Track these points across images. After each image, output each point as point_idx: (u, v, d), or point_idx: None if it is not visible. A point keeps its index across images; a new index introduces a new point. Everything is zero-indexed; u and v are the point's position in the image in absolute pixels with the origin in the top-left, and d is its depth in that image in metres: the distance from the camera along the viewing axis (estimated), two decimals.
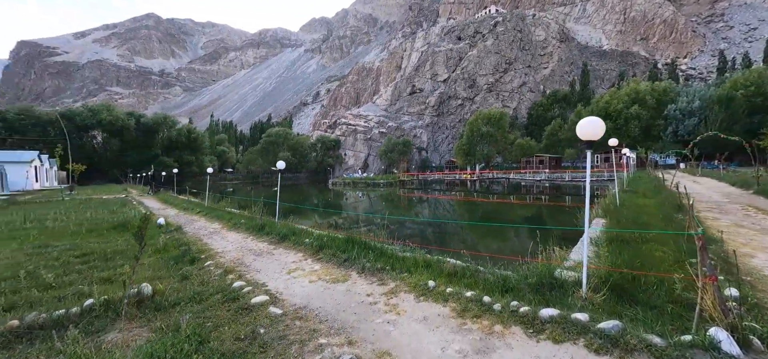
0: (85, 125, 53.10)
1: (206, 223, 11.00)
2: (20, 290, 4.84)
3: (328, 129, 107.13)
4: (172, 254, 6.66)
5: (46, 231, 9.68)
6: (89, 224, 10.69)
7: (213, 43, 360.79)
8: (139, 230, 2.46)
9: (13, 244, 8.07)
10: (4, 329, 3.55)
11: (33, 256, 6.79)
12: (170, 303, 4.23)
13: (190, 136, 65.51)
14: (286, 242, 7.34)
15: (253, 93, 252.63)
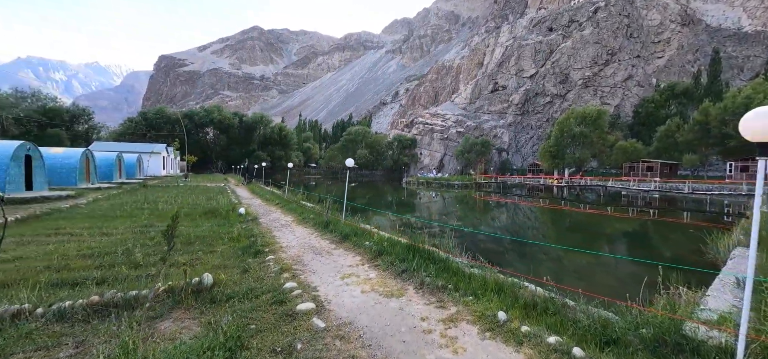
0: (201, 123, 62.62)
1: (280, 215, 11.56)
2: (115, 265, 5.44)
3: (405, 128, 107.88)
4: (241, 244, 6.96)
5: (156, 213, 11.23)
6: (188, 208, 12.13)
7: (304, 49, 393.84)
8: (169, 228, 2.28)
9: (128, 221, 9.48)
10: (86, 303, 3.89)
11: (137, 235, 7.78)
12: (224, 297, 4.23)
13: (281, 133, 72.32)
14: (347, 242, 7.11)
15: (337, 94, 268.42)
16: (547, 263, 11.55)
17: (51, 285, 4.58)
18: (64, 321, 3.68)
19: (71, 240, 7.20)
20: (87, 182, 21.36)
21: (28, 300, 3.85)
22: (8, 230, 8.29)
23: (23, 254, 6.05)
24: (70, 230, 8.13)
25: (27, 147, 15.50)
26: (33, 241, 7.07)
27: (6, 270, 5.12)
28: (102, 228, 8.44)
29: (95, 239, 7.37)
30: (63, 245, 6.65)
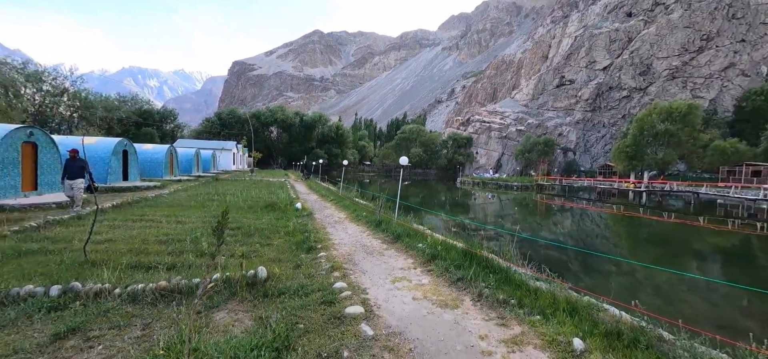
0: (266, 122, 67.40)
1: (334, 211, 11.75)
2: (184, 252, 5.86)
3: (460, 126, 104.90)
4: (296, 239, 7.10)
5: (224, 204, 12.12)
6: (251, 201, 12.93)
7: (361, 50, 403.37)
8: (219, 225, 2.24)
9: (200, 211, 10.32)
10: (155, 287, 4.17)
11: (206, 224, 8.39)
12: (276, 292, 4.25)
13: (337, 132, 74.90)
14: (399, 243, 6.88)
15: (392, 93, 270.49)
16: (617, 278, 10.19)
17: (130, 267, 5.04)
18: (136, 303, 3.97)
19: (152, 227, 8.00)
20: (171, 174, 24.05)
21: (108, 281, 4.23)
22: (106, 214, 9.52)
23: (113, 237, 6.83)
24: (151, 217, 9.07)
25: (124, 143, 17.84)
26: (122, 226, 7.97)
27: (98, 250, 5.78)
28: (178, 217, 9.28)
29: (171, 226, 8.10)
30: (144, 231, 7.39)
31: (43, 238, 6.60)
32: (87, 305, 3.79)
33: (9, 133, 10.73)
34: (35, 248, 5.86)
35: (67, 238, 6.62)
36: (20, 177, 11.03)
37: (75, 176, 9.35)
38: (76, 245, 6.10)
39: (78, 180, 9.35)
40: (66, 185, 9.33)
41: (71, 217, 8.61)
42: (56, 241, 6.42)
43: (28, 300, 3.79)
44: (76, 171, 9.41)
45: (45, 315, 3.55)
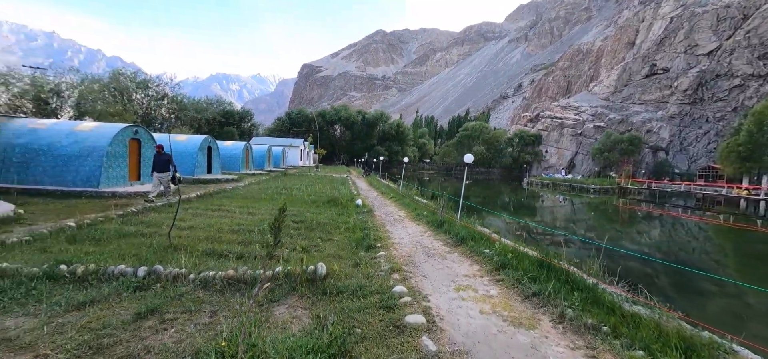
0: (331, 121, 70.45)
1: (394, 209, 11.59)
2: (252, 243, 6.14)
3: (528, 123, 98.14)
4: (356, 236, 7.05)
5: (290, 198, 12.74)
6: (316, 196, 13.40)
7: (423, 47, 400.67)
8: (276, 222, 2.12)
9: (269, 204, 10.94)
10: (224, 275, 4.35)
11: (273, 216, 8.81)
12: (335, 290, 4.15)
13: (398, 129, 75.30)
14: (463, 246, 6.41)
15: (455, 89, 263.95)
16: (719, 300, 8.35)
17: (205, 254, 5.40)
18: (207, 289, 4.17)
19: (226, 216, 8.64)
20: (246, 169, 26.28)
21: (185, 266, 4.53)
22: (190, 203, 10.58)
23: (194, 224, 7.47)
24: (227, 208, 9.82)
25: (209, 141, 19.86)
26: (203, 214, 8.74)
27: (181, 236, 6.33)
28: (250, 209, 9.93)
29: (243, 217, 8.66)
30: (220, 221, 7.99)
31: (140, 222, 7.47)
32: (166, 288, 4.08)
33: (120, 131, 12.54)
34: (133, 231, 6.63)
35: (159, 223, 7.41)
36: (127, 169, 12.84)
37: (161, 170, 10.45)
38: (164, 230, 6.78)
39: (164, 173, 10.46)
40: (154, 178, 10.52)
41: (163, 204, 9.71)
42: (150, 225, 7.21)
43: (120, 278, 4.21)
44: (162, 165, 10.49)
45: (131, 294, 3.89)
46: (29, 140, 11.89)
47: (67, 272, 4.22)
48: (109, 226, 6.85)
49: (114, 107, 31.69)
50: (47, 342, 2.95)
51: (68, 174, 11.49)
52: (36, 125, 12.67)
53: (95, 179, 11.43)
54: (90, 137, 12.08)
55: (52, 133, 12.19)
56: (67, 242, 5.66)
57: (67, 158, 11.62)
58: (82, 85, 32.89)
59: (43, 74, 31.47)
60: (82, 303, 3.63)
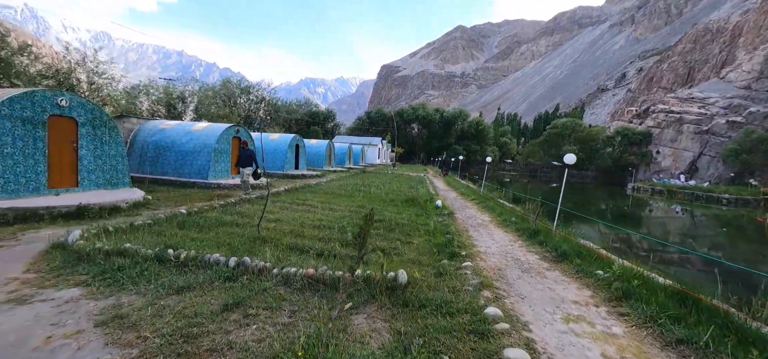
0: (408, 119, 70.64)
1: (477, 212, 10.72)
2: (331, 240, 6.09)
3: (634, 119, 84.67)
4: (437, 240, 6.53)
5: (368, 196, 12.80)
6: (393, 194, 13.24)
7: (506, 40, 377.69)
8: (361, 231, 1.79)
9: (348, 201, 11.08)
10: (304, 273, 4.27)
11: (352, 214, 8.82)
12: (417, 303, 3.73)
13: (477, 128, 71.93)
14: (565, 263, 5.40)
15: (541, 84, 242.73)
16: None
17: (288, 248, 5.48)
18: (288, 285, 4.13)
19: (310, 211, 8.92)
20: (329, 165, 27.71)
21: (269, 260, 4.59)
22: (279, 196, 11.30)
23: (281, 217, 7.82)
24: (311, 203, 10.20)
25: (297, 139, 21.34)
26: (289, 208, 9.18)
27: (268, 228, 6.63)
28: (331, 204, 10.16)
29: (324, 212, 8.85)
30: (304, 215, 8.25)
31: (236, 213, 8.12)
32: (251, 280, 4.15)
33: (225, 130, 14.11)
34: (229, 220, 7.18)
35: (251, 214, 7.95)
36: (230, 163, 14.39)
37: (244, 165, 11.20)
38: (256, 221, 7.23)
39: (247, 169, 11.22)
40: (241, 173, 11.36)
41: (257, 197, 10.52)
42: (244, 216, 7.77)
43: (214, 266, 4.44)
44: (246, 160, 11.21)
45: (222, 284, 4.03)
46: (159, 138, 14.14)
47: (173, 256, 4.61)
48: (211, 215, 7.55)
49: (223, 110, 36.59)
50: (148, 325, 3.12)
51: (185, 167, 13.34)
52: (164, 125, 15.03)
53: (205, 172, 13.04)
54: (202, 135, 13.84)
55: (175, 132, 14.31)
56: (178, 228, 6.34)
57: (185, 153, 13.49)
58: (200, 92, 38.68)
59: (173, 84, 37.87)
60: (181, 287, 3.86)
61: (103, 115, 9.08)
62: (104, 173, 9.13)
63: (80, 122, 8.53)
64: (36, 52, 20.25)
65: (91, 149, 8.79)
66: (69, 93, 8.45)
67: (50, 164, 7.93)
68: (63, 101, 8.10)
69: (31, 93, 7.53)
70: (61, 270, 4.27)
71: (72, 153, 8.42)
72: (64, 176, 8.35)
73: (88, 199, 7.66)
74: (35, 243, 5.28)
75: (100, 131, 8.99)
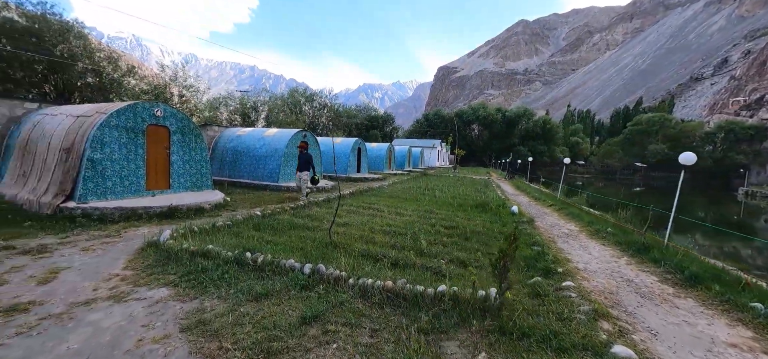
0: (468, 121, 68.24)
1: (559, 220, 9.52)
2: (405, 248, 5.68)
3: (741, 110, 71.48)
4: (522, 252, 5.76)
5: (433, 200, 12.23)
6: (460, 199, 12.50)
7: (575, 31, 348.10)
8: (503, 256, 1.41)
9: (414, 205, 10.64)
10: (382, 286, 3.90)
11: (421, 219, 8.35)
12: (517, 331, 3.11)
13: (544, 127, 66.77)
14: (700, 289, 4.30)
15: (618, 76, 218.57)
16: None
17: (361, 255, 5.20)
18: (365, 298, 3.80)
19: (377, 215, 8.66)
20: (389, 168, 27.64)
21: (344, 269, 4.32)
22: (344, 200, 11.28)
23: (349, 221, 7.66)
24: (377, 207, 9.97)
25: (359, 142, 21.57)
26: (355, 212, 9.03)
27: (338, 232, 6.46)
28: (397, 208, 9.82)
29: (392, 217, 8.52)
30: (372, 219, 8.00)
31: (306, 216, 8.16)
32: (328, 291, 3.90)
33: (293, 135, 14.66)
34: (300, 223, 7.19)
35: (320, 218, 7.92)
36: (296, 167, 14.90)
37: (303, 169, 10.79)
38: (325, 225, 7.15)
39: (304, 172, 10.79)
40: (297, 176, 11.18)
41: (324, 200, 10.61)
42: (314, 219, 7.76)
43: (289, 273, 4.29)
44: (304, 164, 10.81)
45: (298, 293, 3.84)
46: (236, 144, 15.20)
47: (251, 259, 4.59)
48: (283, 217, 7.66)
49: (290, 117, 38.90)
50: (229, 334, 2.99)
51: (258, 170, 14.10)
52: (240, 132, 16.14)
53: (276, 175, 13.64)
54: (273, 140, 14.54)
55: (249, 138, 15.26)
56: (253, 230, 6.47)
57: (259, 157, 14.28)
58: (270, 101, 41.65)
59: (247, 96, 41.32)
60: (259, 294, 3.74)
61: (190, 123, 9.87)
62: (191, 176, 9.91)
63: (172, 130, 9.35)
64: (140, 73, 23.40)
65: (181, 154, 9.59)
66: (163, 104, 9.31)
67: (148, 168, 8.78)
68: (158, 112, 8.93)
69: (133, 105, 8.41)
70: (154, 269, 4.46)
71: (165, 158, 9.26)
72: (159, 179, 9.21)
73: (177, 200, 8.29)
74: (134, 240, 5.72)
75: (188, 138, 9.78)
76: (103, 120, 7.75)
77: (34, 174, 8.18)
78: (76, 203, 7.05)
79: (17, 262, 4.56)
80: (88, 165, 7.43)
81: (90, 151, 7.48)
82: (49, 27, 17.97)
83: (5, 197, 8.14)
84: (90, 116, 8.13)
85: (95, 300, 3.60)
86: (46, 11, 18.41)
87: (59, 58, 17.73)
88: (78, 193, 7.24)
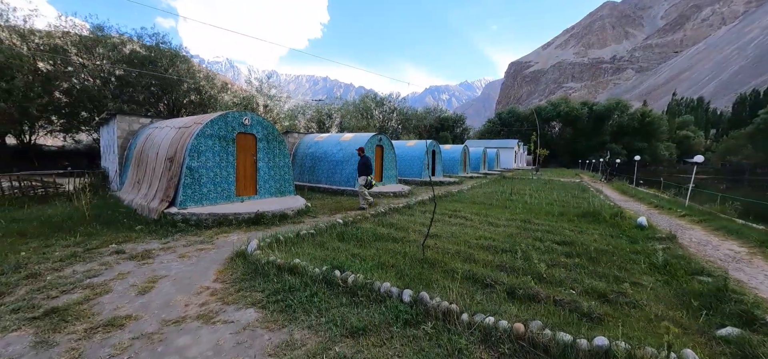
0: (548, 117, 62.26)
1: (708, 237, 7.35)
2: (517, 270, 4.61)
3: None
4: (683, 282, 4.25)
5: (526, 206, 10.70)
6: (558, 206, 10.74)
7: (677, 7, 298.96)
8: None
9: (506, 213, 9.32)
10: (510, 331, 2.94)
11: (520, 231, 7.09)
12: None
13: (643, 120, 57.55)
14: None
15: (739, 55, 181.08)
16: None
17: (465, 279, 4.29)
18: (488, 344, 2.88)
19: (466, 225, 7.64)
20: (464, 171, 26.10)
21: (456, 300, 3.45)
22: (424, 205, 10.47)
23: (437, 232, 6.78)
24: (463, 214, 8.91)
25: (433, 145, 20.63)
26: (440, 220, 8.12)
27: (428, 245, 5.63)
28: (487, 216, 8.65)
29: (485, 227, 7.41)
30: (462, 230, 7.01)
31: (388, 224, 7.52)
32: (438, 330, 3.07)
33: (369, 138, 14.35)
34: (385, 233, 6.54)
35: (404, 227, 7.20)
36: (374, 171, 14.55)
37: (360, 173, 10.20)
38: (411, 235, 6.40)
39: (362, 177, 10.16)
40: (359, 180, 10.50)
41: (404, 206, 9.92)
42: (398, 228, 7.07)
43: (386, 300, 3.58)
44: (361, 168, 10.21)
45: (401, 330, 3.08)
46: (314, 149, 15.47)
47: (340, 279, 4.00)
48: (366, 226, 7.11)
49: (361, 122, 39.65)
50: None
51: (336, 175, 14.09)
52: (318, 138, 16.45)
53: (353, 179, 13.44)
54: (349, 145, 14.42)
55: (326, 144, 15.41)
56: (338, 240, 5.99)
57: (336, 162, 14.28)
58: (342, 108, 43.02)
59: (321, 103, 43.29)
60: (355, 328, 3.08)
61: (274, 130, 10.05)
62: (275, 182, 10.07)
63: (258, 137, 9.57)
64: (232, 89, 25.95)
65: (266, 160, 9.79)
66: (250, 113, 9.60)
67: (237, 174, 9.07)
68: (246, 120, 9.19)
69: (224, 115, 8.74)
70: (242, 283, 4.16)
71: (253, 165, 9.51)
72: (247, 185, 9.48)
73: (264, 206, 8.35)
74: (224, 248, 5.63)
75: (273, 144, 9.95)
76: (199, 130, 8.13)
77: (146, 181, 8.97)
78: (177, 209, 7.41)
79: (124, 268, 4.66)
80: (187, 173, 7.81)
81: (188, 159, 7.86)
82: (162, 55, 20.71)
83: (124, 201, 9.07)
84: (189, 127, 8.63)
85: (185, 319, 3.32)
86: (159, 42, 21.28)
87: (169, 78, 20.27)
88: (179, 199, 7.63)
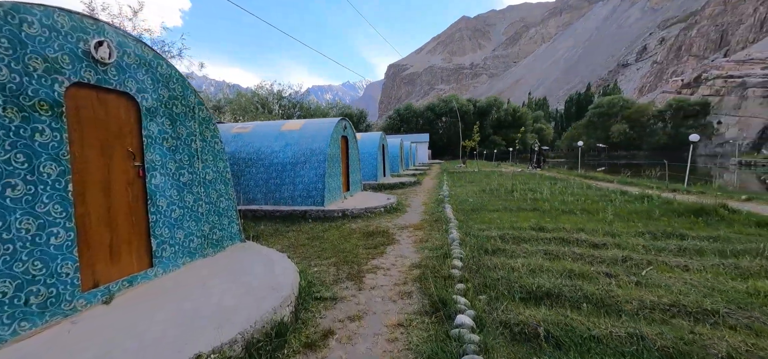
0: (440, 113, 66.32)
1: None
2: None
3: (682, 89, 78.41)
4: None
5: (554, 208, 8.76)
6: (592, 203, 9.15)
7: (513, 26, 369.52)
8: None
9: (533, 218, 7.06)
10: None
11: (581, 262, 4.80)
12: None
13: (515, 114, 67.25)
14: None
15: (555, 67, 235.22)
16: None
17: None
18: None
19: (547, 254, 4.96)
20: (401, 168, 23.59)
21: None
22: (443, 223, 7.39)
23: (513, 265, 3.86)
24: (501, 225, 6.22)
25: (383, 138, 17.44)
26: (501, 250, 5.22)
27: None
28: (543, 231, 6.17)
29: (580, 259, 4.87)
30: (552, 264, 4.27)
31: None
32: None
33: (335, 126, 10.22)
34: None
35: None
36: (341, 178, 10.56)
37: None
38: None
39: None
40: None
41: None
42: None
43: None
44: None
45: None
46: (237, 148, 10.37)
47: None
48: None
49: (259, 118, 33.46)
50: None
51: (284, 188, 9.47)
52: (239, 129, 11.32)
53: (319, 193, 9.17)
54: (304, 137, 9.99)
55: (257, 137, 10.56)
56: None
57: (281, 166, 9.67)
58: (234, 102, 35.77)
59: (204, 96, 34.88)
60: None
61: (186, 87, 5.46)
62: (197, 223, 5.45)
63: (144, 104, 4.89)
64: None
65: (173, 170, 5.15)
66: (109, 25, 4.90)
67: (78, 226, 4.27)
68: (100, 47, 4.50)
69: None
70: None
71: (133, 185, 4.82)
72: (117, 249, 4.74)
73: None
74: None
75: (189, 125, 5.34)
76: None
77: None
78: None
79: None
80: None
81: None
82: None
83: None
84: None
85: None
86: None
87: None
88: None
